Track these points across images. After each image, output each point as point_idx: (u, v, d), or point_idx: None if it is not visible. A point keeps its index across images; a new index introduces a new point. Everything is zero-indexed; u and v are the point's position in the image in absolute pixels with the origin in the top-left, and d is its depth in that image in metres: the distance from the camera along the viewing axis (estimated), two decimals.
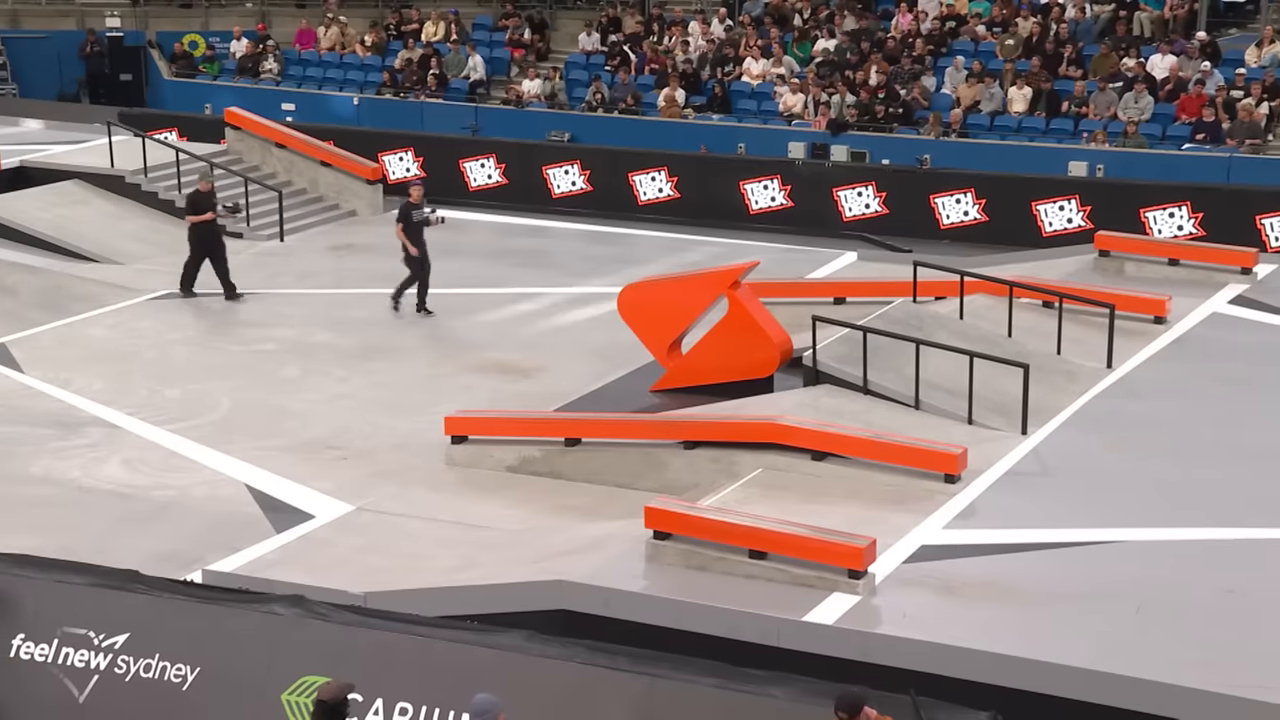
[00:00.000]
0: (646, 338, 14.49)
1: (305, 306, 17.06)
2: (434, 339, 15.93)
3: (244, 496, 12.12)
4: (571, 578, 9.68)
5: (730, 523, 9.96)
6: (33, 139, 22.45)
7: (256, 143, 21.39)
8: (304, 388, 14.54)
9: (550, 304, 17.32)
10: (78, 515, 11.65)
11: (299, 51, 29.19)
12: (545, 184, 22.38)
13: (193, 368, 15.02)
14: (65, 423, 13.47)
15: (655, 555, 10.02)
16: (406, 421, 13.61)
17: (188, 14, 30.87)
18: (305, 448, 13.07)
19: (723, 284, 14.17)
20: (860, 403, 12.76)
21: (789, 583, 9.59)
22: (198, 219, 16.89)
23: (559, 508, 11.89)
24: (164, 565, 10.28)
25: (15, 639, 8.82)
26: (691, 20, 27.58)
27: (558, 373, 14.91)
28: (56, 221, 19.17)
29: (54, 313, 16.39)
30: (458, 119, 25.74)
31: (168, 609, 8.82)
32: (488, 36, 28.87)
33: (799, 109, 24.44)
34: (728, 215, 21.29)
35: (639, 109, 25.39)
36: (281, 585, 9.73)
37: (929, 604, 9.45)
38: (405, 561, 10.75)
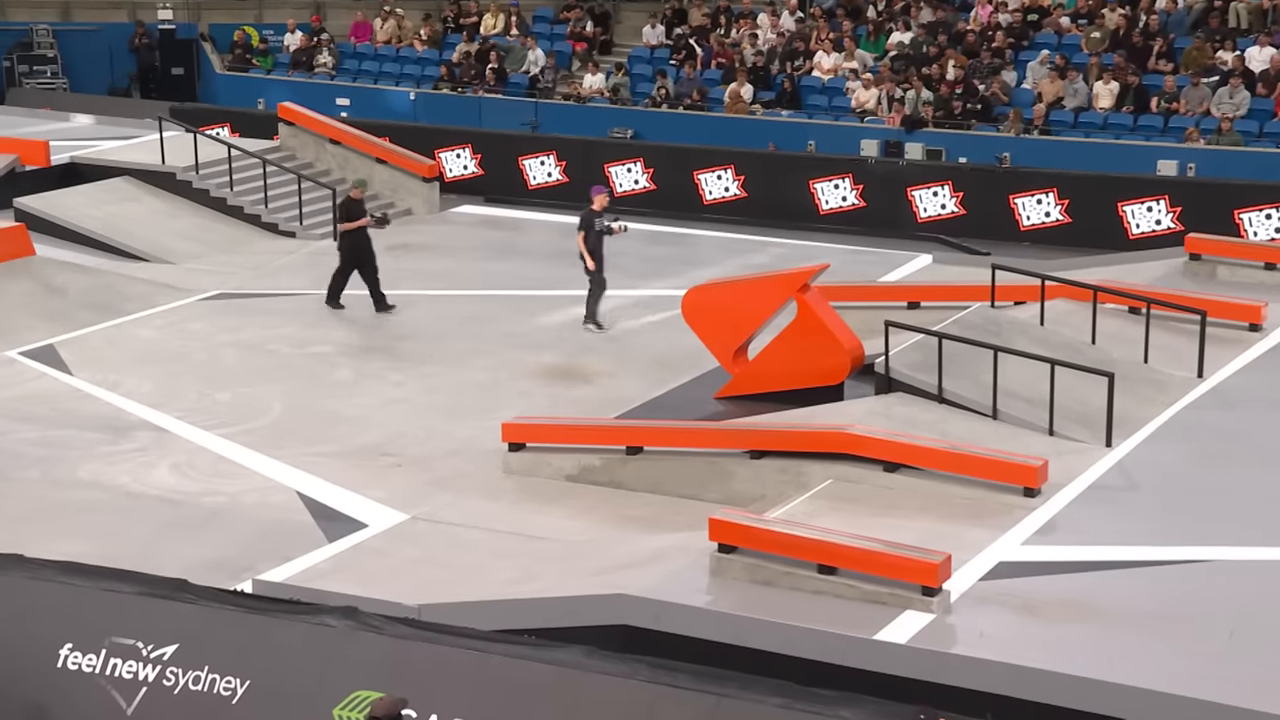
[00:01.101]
0: (711, 342, 14.48)
1: (360, 308, 17.19)
2: (491, 342, 16.01)
3: (295, 504, 12.23)
4: (632, 592, 9.69)
5: (798, 536, 9.93)
6: (83, 134, 22.80)
7: (310, 139, 21.60)
8: (357, 392, 14.66)
9: (611, 307, 17.33)
10: (126, 521, 11.81)
11: (354, 45, 29.45)
12: (607, 182, 22.41)
13: (243, 370, 15.19)
14: (114, 426, 13.66)
15: (719, 569, 10.01)
16: (462, 428, 13.68)
17: (241, 6, 31.23)
18: (358, 454, 13.18)
19: (791, 287, 14.14)
20: (935, 412, 12.69)
21: (859, 599, 9.55)
22: (349, 227, 16.71)
23: (620, 518, 11.91)
24: (213, 574, 10.40)
25: (63, 649, 8.95)
26: (760, 12, 27.55)
27: (619, 378, 14.94)
28: (106, 219, 19.45)
29: (103, 313, 16.63)
30: (517, 115, 25.87)
31: (217, 619, 8.91)
32: (548, 29, 29.00)
33: (872, 105, 24.34)
34: (796, 215, 21.23)
35: (705, 105, 25.40)
36: (333, 596, 9.81)
37: (1007, 623, 9.37)
38: (460, 573, 10.81)
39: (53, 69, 29.34)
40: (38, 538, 10.85)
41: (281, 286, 18.07)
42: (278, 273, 18.64)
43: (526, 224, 21.04)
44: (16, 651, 9.08)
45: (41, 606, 9.17)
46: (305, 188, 20.21)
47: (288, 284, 18.17)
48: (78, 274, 17.40)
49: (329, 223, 20.03)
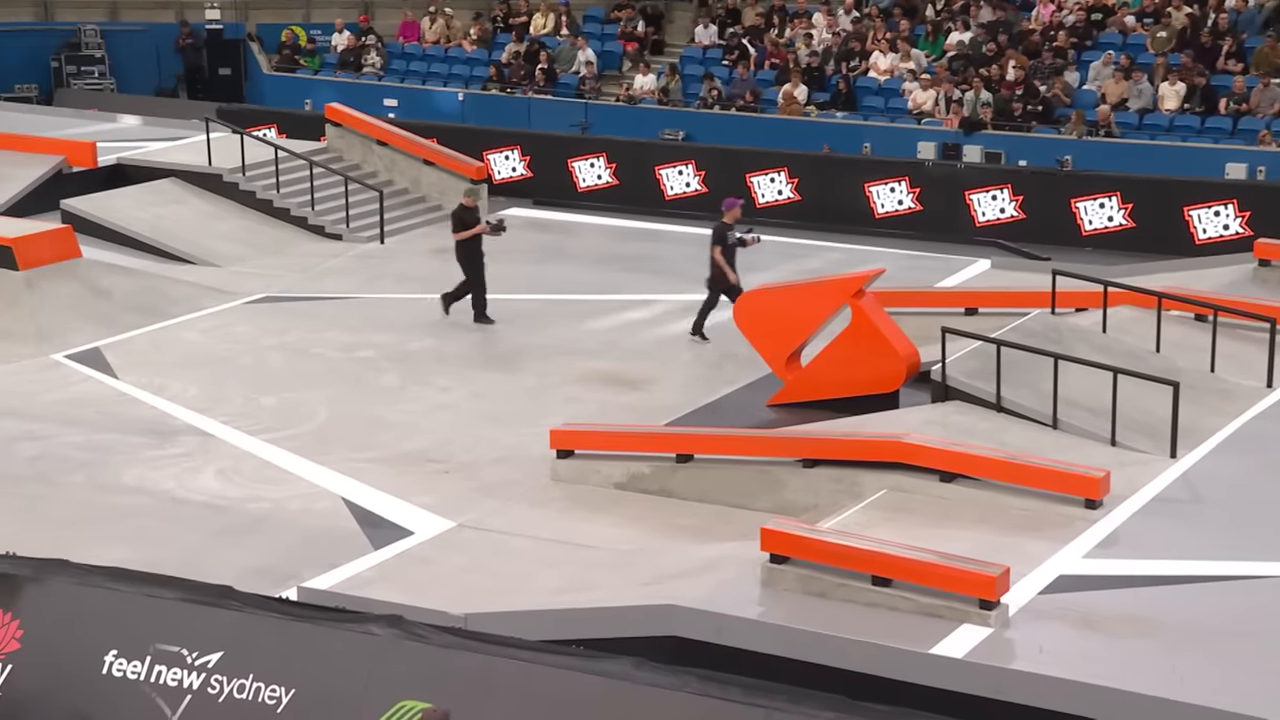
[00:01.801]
0: (764, 349, 14.47)
1: (405, 312, 17.30)
2: (539, 348, 16.06)
3: (340, 510, 12.32)
4: (682, 602, 9.69)
5: (852, 547, 9.90)
6: (130, 136, 23.04)
7: (357, 140, 21.75)
8: (403, 397, 14.74)
9: (662, 312, 17.35)
10: (171, 527, 11.93)
11: (402, 45, 29.63)
12: (658, 185, 22.45)
13: (289, 375, 15.31)
14: (159, 430, 13.80)
15: (771, 580, 10.00)
16: (510, 434, 13.73)
17: (288, 5, 31.47)
18: (404, 460, 13.26)
19: (845, 292, 14.11)
20: (993, 421, 12.62)
21: (915, 612, 9.51)
22: (465, 235, 16.63)
23: (669, 527, 11.91)
24: (258, 581, 10.48)
25: (108, 655, 9.04)
26: (815, 12, 27.50)
27: (669, 384, 14.95)
28: (152, 221, 19.65)
29: (148, 316, 16.80)
30: (566, 116, 25.95)
31: (262, 627, 8.97)
32: (599, 29, 29.06)
33: (929, 106, 24.25)
34: (851, 219, 21.18)
35: (758, 106, 25.38)
36: (378, 604, 9.84)
37: (1067, 638, 9.30)
38: (507, 582, 10.85)
39: (100, 69, 29.67)
40: (83, 543, 10.97)
41: (327, 290, 18.20)
42: (324, 276, 18.77)
43: (576, 227, 21.09)
44: (62, 658, 9.19)
45: (87, 612, 9.27)
46: (352, 190, 20.35)
47: (334, 287, 18.31)
48: (124, 276, 17.59)
49: (376, 224, 20.16)
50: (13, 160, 20.62)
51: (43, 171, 20.41)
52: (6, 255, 16.45)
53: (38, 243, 16.83)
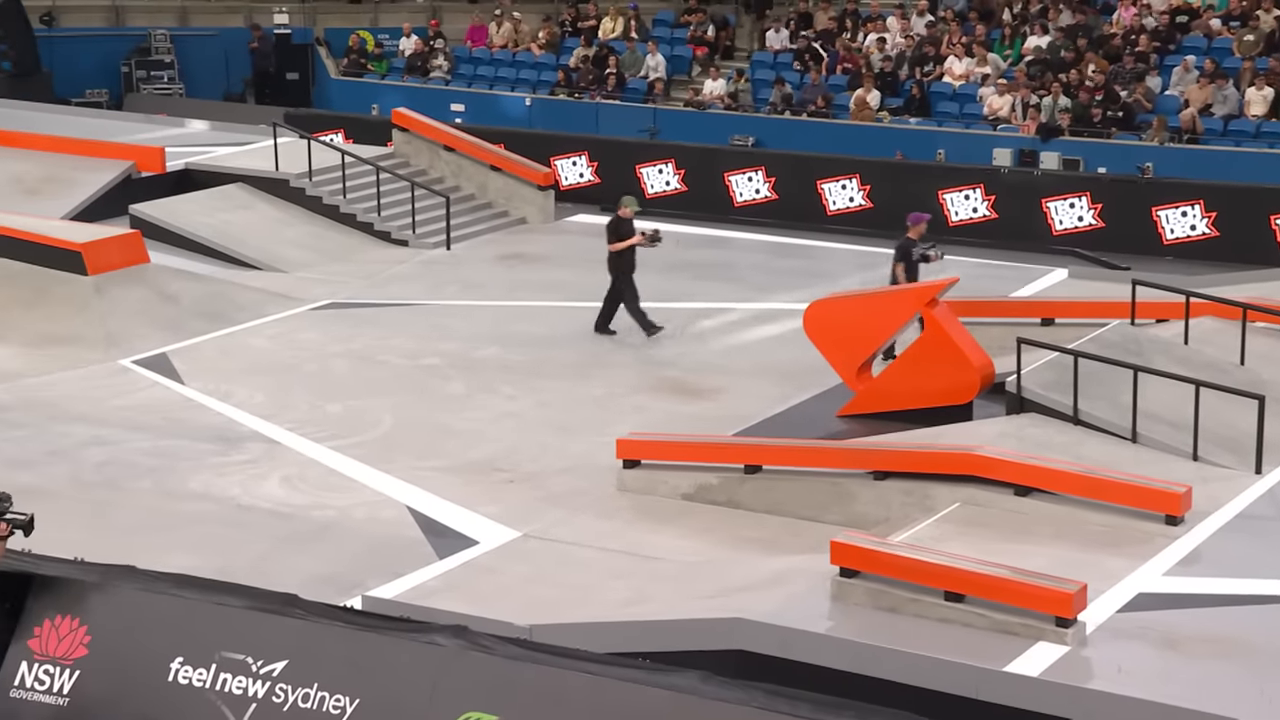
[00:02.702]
0: (834, 358, 14.42)
1: (471, 319, 17.40)
2: (607, 356, 16.10)
3: (405, 519, 12.41)
4: (750, 615, 9.68)
5: (924, 561, 9.85)
6: (198, 140, 23.34)
7: (424, 145, 21.91)
8: (469, 405, 14.83)
9: (731, 320, 17.34)
10: (236, 534, 12.07)
11: (470, 49, 29.82)
12: (727, 191, 22.45)
13: (354, 382, 15.44)
14: (225, 437, 13.96)
15: (841, 594, 9.96)
16: (576, 443, 13.78)
17: (356, 10, 31.80)
18: (469, 469, 13.33)
19: (919, 302, 14.04)
20: (1070, 434, 12.51)
21: (989, 629, 9.44)
22: (621, 246, 16.35)
23: (737, 539, 11.90)
24: (323, 589, 10.57)
25: (173, 662, 9.16)
26: (889, 15, 27.41)
27: (738, 394, 14.93)
28: (219, 226, 19.89)
29: (215, 322, 17.00)
30: (635, 121, 26.01)
31: (327, 636, 9.05)
32: (668, 33, 29.12)
33: (1005, 112, 24.09)
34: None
35: (829, 111, 25.32)
36: (443, 614, 9.92)
37: (1147, 658, 9.20)
38: (573, 593, 10.88)
39: (169, 74, 30.12)
40: (149, 549, 11.11)
41: (393, 296, 18.35)
42: (389, 282, 18.93)
43: None
44: (128, 664, 9.32)
45: (153, 619, 9.40)
46: (418, 195, 20.50)
47: (399, 294, 18.45)
48: (191, 282, 17.81)
49: (442, 231, 20.30)
50: (83, 165, 20.96)
51: (112, 176, 20.73)
52: (76, 260, 16.71)
53: (107, 248, 17.09)
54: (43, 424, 14.13)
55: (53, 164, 20.94)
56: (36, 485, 12.34)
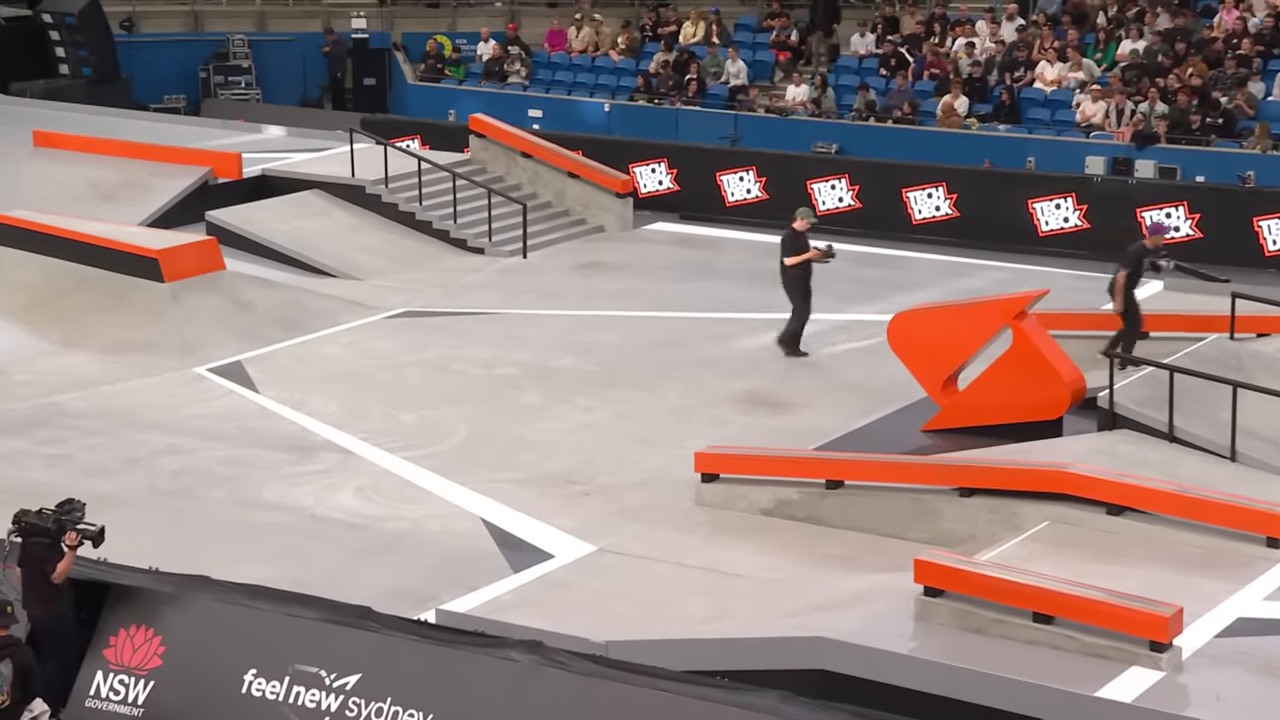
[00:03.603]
0: (919, 371, 14.34)
1: (547, 329, 17.48)
2: (684, 367, 16.10)
3: (480, 531, 12.47)
4: (832, 634, 9.65)
5: (1012, 581, 9.77)
6: (274, 146, 23.64)
7: (501, 151, 22.04)
8: (544, 416, 14.89)
9: (812, 332, 17.25)
10: (310, 545, 12.19)
11: (548, 54, 29.96)
12: (809, 200, 22.38)
13: (428, 392, 15.55)
14: (299, 446, 14.12)
15: (925, 614, 9.90)
16: (653, 456, 13.79)
17: (434, 14, 32.03)
18: (545, 481, 13.38)
19: (1007, 314, 13.93)
20: (1164, 451, 12.36)
21: (1079, 652, 9.34)
22: (796, 260, 16.07)
23: (818, 556, 11.86)
24: (396, 602, 10.66)
25: (247, 674, 9.28)
26: (979, 19, 27.21)
27: (819, 407, 14.88)
28: (294, 233, 20.12)
29: (290, 330, 17.19)
30: (715, 128, 26.00)
31: (400, 649, 9.13)
32: (750, 38, 29.08)
33: (1099, 119, 23.84)
34: (1013, 237, 20.90)
35: (915, 118, 25.19)
36: (518, 629, 9.97)
37: (1246, 686, 9.06)
38: (650, 609, 10.89)
39: (247, 80, 30.50)
40: (223, 559, 11.25)
41: (469, 305, 18.46)
42: (465, 290, 19.05)
43: (724, 243, 21.10)
44: (202, 675, 9.45)
45: (227, 630, 9.53)
46: (495, 203, 20.61)
47: (475, 302, 18.56)
48: (266, 289, 18.03)
49: (519, 239, 20.41)
50: (161, 171, 21.29)
51: (189, 183, 21.03)
52: (152, 267, 16.97)
53: (183, 255, 17.34)
54: (118, 432, 14.35)
55: (130, 170, 21.29)
56: (112, 493, 12.54)
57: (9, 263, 17.54)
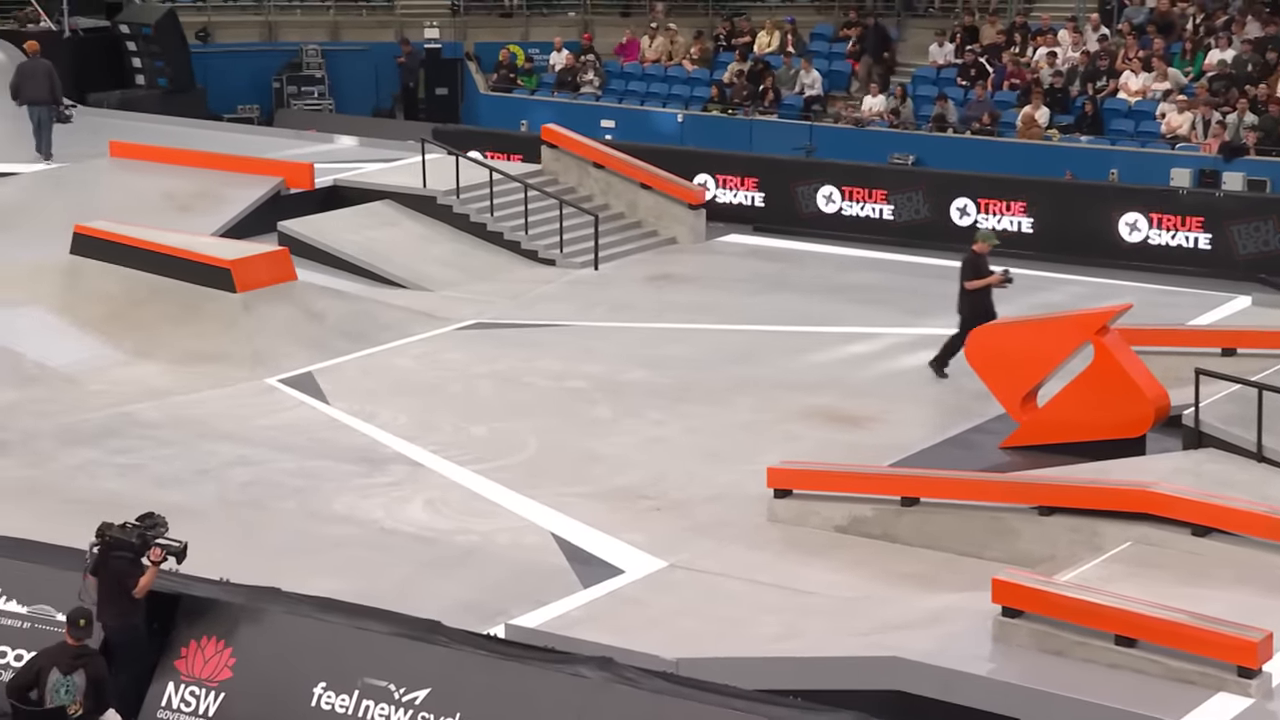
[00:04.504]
0: (997, 387, 14.24)
1: (619, 341, 17.51)
2: (758, 381, 16.07)
3: (550, 546, 12.50)
4: (907, 654, 9.58)
5: (1093, 602, 9.66)
6: (346, 156, 23.85)
7: (573, 162, 22.11)
8: (615, 430, 14.91)
9: (888, 345, 17.21)
10: (379, 558, 12.27)
11: (621, 64, 30.03)
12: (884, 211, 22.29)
13: (499, 404, 15.62)
14: (369, 459, 14.22)
15: (1003, 635, 9.82)
16: (725, 471, 13.77)
17: (507, 24, 32.21)
18: (615, 495, 13.40)
19: (1088, 329, 13.80)
20: (1252, 471, 12.18)
21: (1163, 677, 9.22)
22: (978, 285, 15.58)
23: (892, 575, 11.79)
24: (465, 616, 10.71)
25: (317, 687, 9.36)
26: (1061, 28, 26.99)
27: (894, 423, 14.80)
28: (365, 244, 20.29)
29: (360, 341, 17.33)
30: (790, 139, 25.95)
31: (470, 664, 9.17)
32: (826, 48, 29.02)
33: (1185, 129, 23.58)
34: (1096, 250, 20.70)
35: (995, 129, 25.02)
36: (587, 645, 9.98)
37: None
38: (721, 626, 10.87)
39: (320, 90, 30.82)
40: (294, 572, 11.35)
41: (539, 317, 18.53)
42: (536, 302, 19.13)
43: (799, 255, 21.04)
44: (272, 688, 9.54)
45: (297, 643, 9.62)
46: (567, 214, 20.68)
47: (546, 314, 18.63)
48: (337, 300, 18.19)
49: (590, 250, 20.46)
50: (234, 181, 21.55)
51: (262, 193, 21.27)
52: (225, 277, 17.17)
53: (255, 265, 17.53)
54: (191, 442, 14.53)
55: (204, 180, 21.56)
56: (184, 504, 12.68)
57: (87, 273, 17.82)
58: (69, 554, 10.51)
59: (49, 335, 16.84)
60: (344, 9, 32.17)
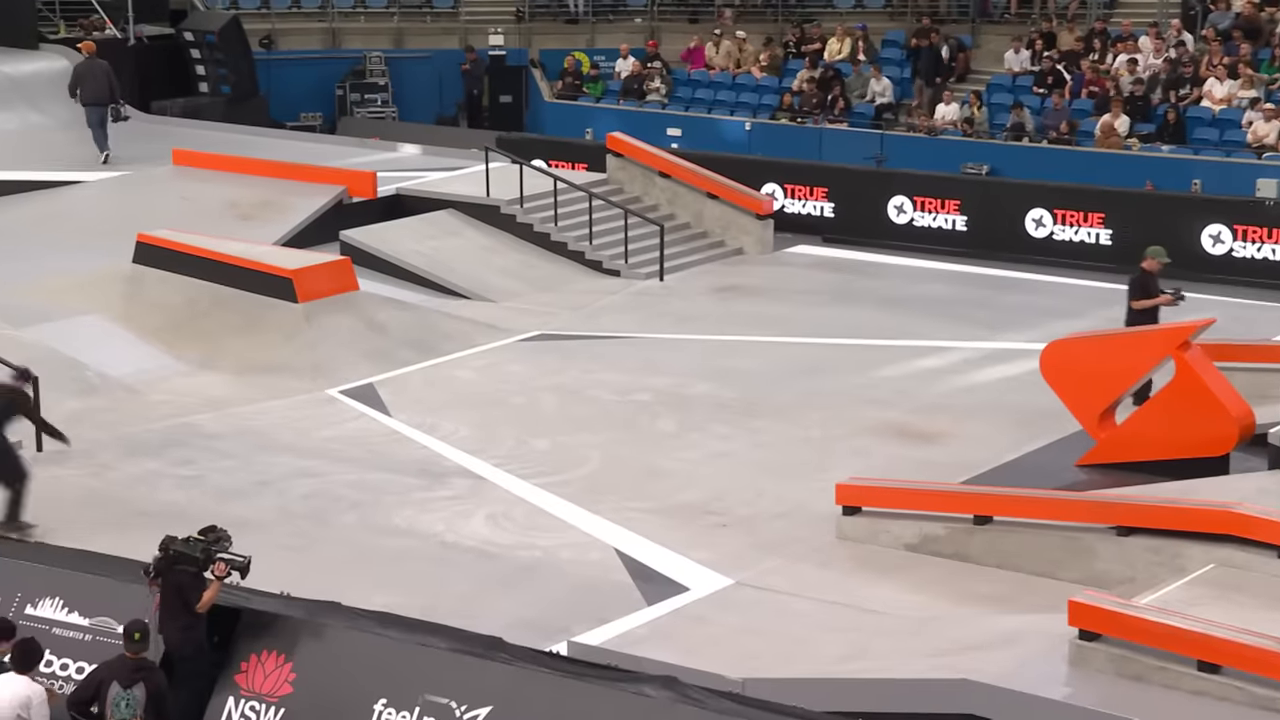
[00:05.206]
0: (1073, 403, 14.10)
1: (684, 354, 17.49)
2: (826, 396, 16.01)
3: (613, 562, 12.50)
4: (980, 677, 9.50)
5: (1175, 626, 9.55)
6: (409, 165, 24.00)
7: (639, 171, 22.13)
8: (680, 444, 14.89)
9: (960, 359, 17.10)
10: (440, 572, 12.32)
11: (688, 71, 30.05)
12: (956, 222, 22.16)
13: (561, 418, 15.64)
14: (430, 471, 14.28)
15: (1080, 658, 9.72)
16: (792, 487, 13.72)
17: (573, 30, 32.31)
18: (680, 511, 13.38)
19: (1169, 344, 13.65)
20: None
21: (1249, 704, 9.10)
22: (1147, 304, 15.12)
23: (965, 595, 11.71)
24: (527, 633, 10.71)
25: (377, 703, 9.38)
26: (1143, 34, 26.74)
27: (967, 439, 14.70)
28: (428, 253, 20.39)
29: (423, 352, 17.41)
30: (861, 148, 25.86)
31: (532, 682, 9.17)
32: (899, 55, 28.91)
33: (1272, 139, 23.32)
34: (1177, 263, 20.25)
35: (1072, 138, 24.82)
36: (652, 664, 9.96)
37: None
38: (788, 646, 10.82)
39: (383, 97, 31.04)
40: (354, 585, 11.41)
41: (603, 329, 18.56)
42: (600, 314, 19.15)
43: (869, 266, 20.97)
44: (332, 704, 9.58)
45: (358, 658, 9.65)
46: (632, 224, 20.70)
47: (610, 326, 18.65)
48: (399, 311, 18.29)
49: (655, 261, 20.46)
50: (296, 190, 21.73)
51: (324, 201, 21.43)
52: (286, 287, 17.31)
53: (317, 275, 17.66)
54: (251, 453, 14.64)
55: (267, 189, 21.76)
56: (245, 516, 12.78)
57: (149, 282, 18.02)
58: (130, 566, 10.61)
59: (111, 345, 17.03)
60: (408, 16, 32.39)
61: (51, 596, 10.70)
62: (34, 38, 27.61)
